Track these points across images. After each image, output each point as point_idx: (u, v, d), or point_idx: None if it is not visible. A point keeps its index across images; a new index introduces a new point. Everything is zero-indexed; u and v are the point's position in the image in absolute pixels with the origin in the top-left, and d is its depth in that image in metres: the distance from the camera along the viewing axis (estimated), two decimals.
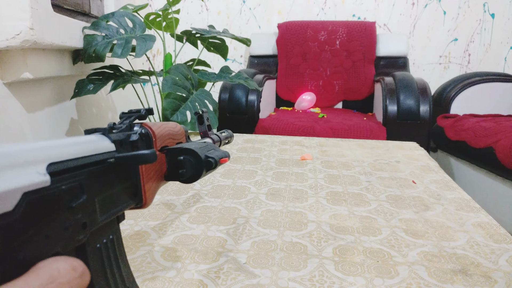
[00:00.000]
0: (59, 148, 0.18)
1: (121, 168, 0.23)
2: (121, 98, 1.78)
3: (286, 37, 1.89)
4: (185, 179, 0.30)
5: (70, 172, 0.18)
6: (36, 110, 1.10)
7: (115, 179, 0.23)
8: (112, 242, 0.23)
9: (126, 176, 0.24)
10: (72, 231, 0.18)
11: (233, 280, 0.40)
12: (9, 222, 0.14)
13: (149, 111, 0.27)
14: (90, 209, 0.20)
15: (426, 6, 1.97)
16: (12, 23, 0.89)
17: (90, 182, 0.20)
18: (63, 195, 0.17)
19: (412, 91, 1.42)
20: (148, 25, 1.38)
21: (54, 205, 0.17)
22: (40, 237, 0.16)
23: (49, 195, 0.16)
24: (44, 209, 0.16)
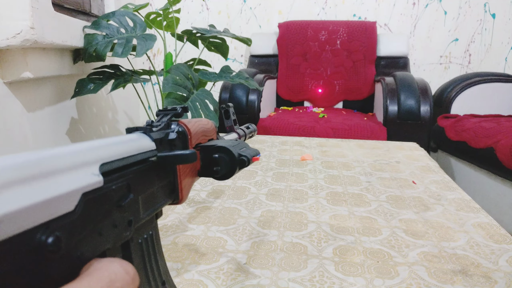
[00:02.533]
0: (108, 148, 0.19)
1: (160, 166, 0.24)
2: (121, 98, 1.78)
3: (287, 37, 1.89)
4: (219, 176, 0.30)
5: (119, 172, 0.19)
6: (36, 109, 1.10)
7: (155, 178, 0.23)
8: (151, 238, 0.23)
9: (165, 175, 0.25)
10: (120, 228, 0.19)
11: (233, 280, 0.40)
12: (70, 221, 0.15)
13: (184, 109, 0.28)
14: (135, 207, 0.20)
15: (427, 6, 1.97)
16: (13, 22, 0.89)
17: (135, 181, 0.21)
18: (113, 195, 0.18)
19: (413, 91, 1.42)
20: (149, 24, 1.38)
21: (106, 204, 0.18)
22: (94, 235, 0.17)
23: (102, 194, 0.17)
24: (98, 208, 0.17)
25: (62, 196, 0.14)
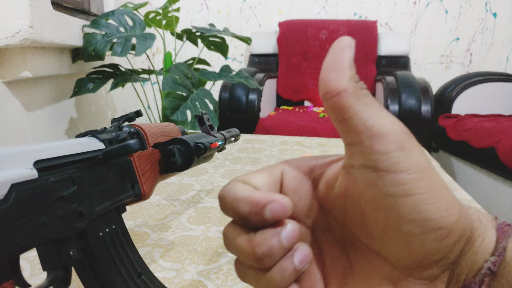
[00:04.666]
0: (46, 150, 0.20)
1: (113, 162, 0.25)
2: (121, 97, 1.78)
3: (287, 36, 1.88)
4: (178, 166, 0.31)
5: (58, 168, 0.20)
6: (35, 109, 1.09)
7: (109, 173, 0.25)
8: (115, 231, 0.24)
9: (120, 170, 0.26)
10: (69, 218, 0.20)
11: (233, 281, 0.39)
12: (2, 209, 0.16)
13: (137, 113, 0.29)
14: (85, 199, 0.22)
15: (428, 5, 1.96)
16: (12, 21, 0.88)
17: (81, 175, 0.22)
18: (54, 187, 0.19)
19: (414, 91, 1.41)
20: (148, 23, 1.38)
21: (45, 195, 0.19)
22: (35, 224, 0.18)
23: (39, 186, 0.18)
24: (34, 199, 0.18)
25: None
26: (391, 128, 0.16)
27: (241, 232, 0.18)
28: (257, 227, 0.17)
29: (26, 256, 0.43)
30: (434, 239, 0.16)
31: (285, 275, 0.17)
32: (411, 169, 0.15)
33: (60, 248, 0.20)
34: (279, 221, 0.17)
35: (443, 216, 0.15)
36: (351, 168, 0.17)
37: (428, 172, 0.16)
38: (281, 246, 0.17)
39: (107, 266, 0.23)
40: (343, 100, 0.16)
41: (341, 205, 0.18)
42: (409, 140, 0.16)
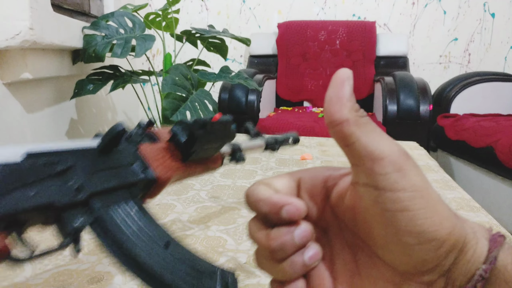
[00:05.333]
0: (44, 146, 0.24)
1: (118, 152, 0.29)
2: (121, 98, 1.78)
3: (286, 37, 1.89)
4: (184, 143, 0.33)
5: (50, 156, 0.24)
6: (35, 110, 1.10)
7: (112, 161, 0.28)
8: (127, 210, 0.27)
9: (127, 158, 0.29)
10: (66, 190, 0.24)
11: None
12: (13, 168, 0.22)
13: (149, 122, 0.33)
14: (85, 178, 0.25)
15: (426, 5, 1.97)
16: (12, 23, 0.89)
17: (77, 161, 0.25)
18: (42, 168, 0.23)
19: (412, 91, 1.42)
20: (148, 25, 1.38)
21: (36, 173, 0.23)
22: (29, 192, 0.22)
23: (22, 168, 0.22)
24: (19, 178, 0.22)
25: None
26: (389, 152, 0.18)
27: (261, 227, 0.21)
28: (275, 224, 0.20)
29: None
30: (429, 249, 0.18)
31: (295, 268, 0.20)
32: (407, 188, 0.17)
33: (65, 218, 0.24)
34: (294, 221, 0.20)
35: (437, 229, 0.18)
36: (357, 185, 0.19)
37: (424, 191, 0.18)
38: (293, 243, 0.19)
39: (122, 238, 0.25)
40: (345, 129, 0.18)
41: (350, 215, 0.21)
42: (406, 161, 0.18)
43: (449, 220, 0.18)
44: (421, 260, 0.18)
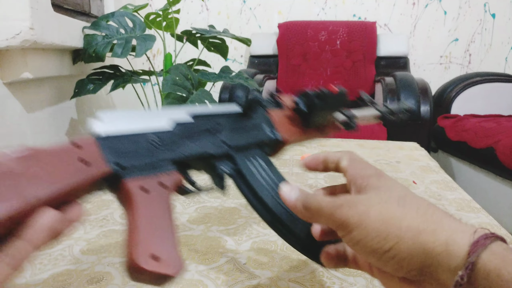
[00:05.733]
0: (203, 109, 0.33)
1: (254, 117, 0.36)
2: (121, 98, 1.78)
3: (287, 37, 1.89)
4: (305, 112, 0.38)
5: (206, 117, 0.32)
6: (36, 110, 1.10)
7: (249, 123, 0.35)
8: (258, 162, 0.34)
9: (260, 121, 0.36)
10: (216, 144, 0.32)
11: (233, 280, 0.40)
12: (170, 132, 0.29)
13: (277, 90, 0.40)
14: (227, 135, 0.33)
15: (427, 6, 1.97)
16: (12, 22, 0.89)
17: (224, 121, 0.33)
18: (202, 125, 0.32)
19: (413, 91, 1.42)
20: (148, 25, 1.38)
21: (196, 128, 0.31)
22: (190, 144, 0.30)
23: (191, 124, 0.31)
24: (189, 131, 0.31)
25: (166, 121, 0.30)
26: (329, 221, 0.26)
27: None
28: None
29: None
30: (389, 258, 0.23)
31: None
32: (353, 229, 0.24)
33: (215, 163, 0.32)
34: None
35: (382, 245, 0.23)
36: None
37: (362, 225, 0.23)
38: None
39: (254, 182, 0.32)
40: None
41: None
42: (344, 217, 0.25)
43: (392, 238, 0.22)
44: (395, 268, 0.23)
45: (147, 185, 0.26)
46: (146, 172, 0.26)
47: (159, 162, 0.27)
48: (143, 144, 0.27)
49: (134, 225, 0.24)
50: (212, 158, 0.31)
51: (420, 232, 0.22)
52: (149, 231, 0.24)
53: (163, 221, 0.25)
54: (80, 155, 0.24)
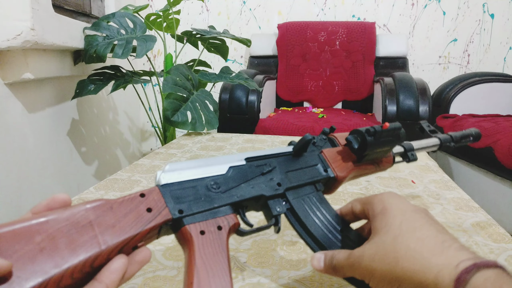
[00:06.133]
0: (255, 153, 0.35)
1: (307, 156, 0.38)
2: (122, 99, 1.79)
3: (286, 38, 1.89)
4: (356, 149, 0.39)
5: (260, 160, 0.35)
6: (37, 110, 1.10)
7: (302, 163, 0.37)
8: (312, 199, 0.35)
9: (313, 161, 0.38)
10: (270, 186, 0.33)
11: (234, 279, 0.40)
12: (224, 177, 0.32)
13: (331, 128, 0.40)
14: (281, 176, 0.35)
15: (426, 6, 1.97)
16: (13, 23, 0.89)
17: (278, 163, 0.35)
18: (256, 168, 0.34)
19: (412, 92, 1.42)
20: (149, 25, 1.39)
21: (251, 172, 0.33)
22: (245, 186, 0.32)
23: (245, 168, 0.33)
24: (242, 174, 0.33)
25: (220, 167, 0.32)
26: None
27: None
28: None
29: None
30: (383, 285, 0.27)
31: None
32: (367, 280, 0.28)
33: (269, 203, 0.33)
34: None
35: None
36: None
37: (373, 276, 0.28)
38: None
39: (306, 219, 0.34)
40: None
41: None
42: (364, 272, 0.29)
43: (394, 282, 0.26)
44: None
45: (207, 229, 0.28)
46: (205, 217, 0.29)
47: (217, 207, 0.30)
48: (201, 189, 0.30)
49: (192, 266, 0.26)
50: (267, 199, 0.33)
51: (412, 275, 0.25)
52: (207, 273, 0.26)
53: (220, 262, 0.27)
54: (146, 204, 0.27)
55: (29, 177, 1.05)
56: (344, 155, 0.39)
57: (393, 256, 0.26)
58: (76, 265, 0.22)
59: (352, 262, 0.28)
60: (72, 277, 0.22)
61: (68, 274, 0.22)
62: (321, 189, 0.37)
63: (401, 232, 0.27)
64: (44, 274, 0.21)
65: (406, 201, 0.30)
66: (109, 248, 0.24)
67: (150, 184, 0.69)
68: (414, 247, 0.25)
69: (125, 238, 0.25)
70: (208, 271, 0.26)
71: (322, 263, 0.31)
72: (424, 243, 0.25)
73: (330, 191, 0.39)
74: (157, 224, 0.27)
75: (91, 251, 0.23)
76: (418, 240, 0.26)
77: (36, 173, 1.08)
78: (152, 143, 2.22)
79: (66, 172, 1.25)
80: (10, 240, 0.22)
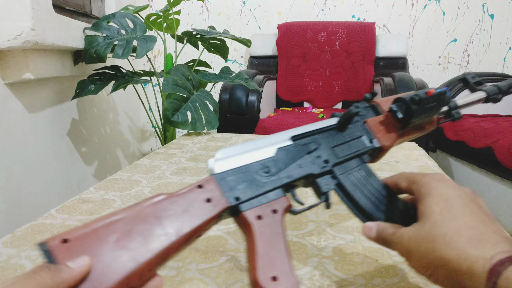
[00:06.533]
0: (300, 129, 0.35)
1: (351, 128, 0.37)
2: (122, 99, 1.79)
3: (286, 38, 1.89)
4: (401, 119, 0.38)
5: (305, 137, 0.35)
6: (37, 110, 1.10)
7: (347, 135, 0.37)
8: (359, 172, 0.36)
9: (358, 132, 0.37)
10: (317, 163, 0.34)
11: (234, 279, 0.40)
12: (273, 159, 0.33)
13: (372, 93, 0.39)
14: (327, 152, 0.35)
15: (425, 7, 1.97)
16: (14, 23, 0.89)
17: (323, 139, 0.35)
18: (303, 147, 0.34)
19: None
20: (149, 26, 1.39)
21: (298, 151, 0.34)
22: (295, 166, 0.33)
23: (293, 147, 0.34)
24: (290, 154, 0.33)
25: (269, 149, 0.33)
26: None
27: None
28: None
29: (29, 255, 0.44)
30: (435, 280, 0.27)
31: None
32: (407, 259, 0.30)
33: (317, 181, 0.34)
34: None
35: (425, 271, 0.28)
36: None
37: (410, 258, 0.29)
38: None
39: (355, 193, 0.34)
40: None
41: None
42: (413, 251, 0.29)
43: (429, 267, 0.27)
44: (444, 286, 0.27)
45: (263, 213, 0.30)
46: (260, 202, 0.30)
47: (270, 190, 0.31)
48: (253, 174, 0.31)
49: (253, 250, 0.28)
50: (315, 177, 0.34)
51: (447, 262, 0.25)
52: (267, 255, 0.27)
53: (279, 244, 0.28)
54: (205, 194, 0.29)
55: (29, 177, 1.05)
56: (388, 123, 0.39)
57: (430, 241, 0.26)
58: (152, 259, 0.24)
59: (395, 240, 0.30)
60: (151, 270, 0.24)
61: (147, 268, 0.24)
62: (367, 160, 0.37)
63: (441, 218, 0.27)
64: (126, 270, 0.23)
65: (452, 186, 0.30)
66: (178, 240, 0.26)
67: (150, 184, 0.69)
68: (451, 236, 0.26)
69: (191, 229, 0.27)
70: (269, 254, 0.27)
71: (374, 232, 0.32)
72: (461, 233, 0.26)
73: (375, 160, 0.39)
74: (217, 213, 0.28)
75: (162, 245, 0.25)
76: (456, 230, 0.26)
77: (36, 173, 1.08)
78: (152, 143, 2.22)
79: (66, 172, 1.25)
80: (89, 239, 0.23)
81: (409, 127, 0.39)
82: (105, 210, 0.57)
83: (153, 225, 0.26)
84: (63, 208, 0.57)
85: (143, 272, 0.24)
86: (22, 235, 0.49)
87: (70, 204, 0.59)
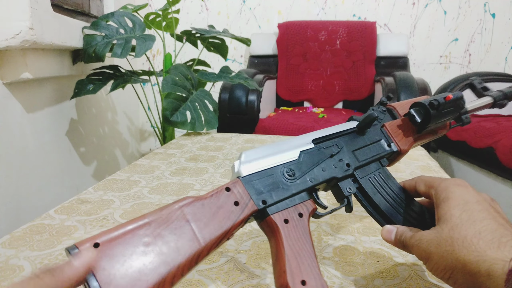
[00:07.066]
0: (320, 132, 0.36)
1: (370, 132, 0.38)
2: (121, 98, 1.78)
3: (286, 37, 1.89)
4: (420, 123, 0.39)
5: (326, 140, 0.35)
6: (36, 110, 1.10)
7: (366, 139, 0.37)
8: (379, 176, 0.36)
9: (376, 136, 0.38)
10: (340, 167, 0.34)
11: (233, 280, 0.40)
12: (297, 162, 0.33)
13: (387, 97, 0.40)
14: (348, 156, 0.35)
15: (427, 6, 1.97)
16: (12, 23, 0.89)
17: (344, 142, 0.36)
18: (324, 150, 0.35)
19: (413, 91, 1.42)
20: (148, 25, 1.38)
21: (320, 155, 0.34)
22: (318, 169, 0.33)
23: (315, 151, 0.34)
24: (313, 158, 0.34)
25: (292, 152, 0.33)
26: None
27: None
28: None
29: (28, 256, 0.43)
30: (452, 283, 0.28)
31: None
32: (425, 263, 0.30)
33: (341, 186, 0.34)
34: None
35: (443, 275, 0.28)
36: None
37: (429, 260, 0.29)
38: None
39: (378, 195, 0.35)
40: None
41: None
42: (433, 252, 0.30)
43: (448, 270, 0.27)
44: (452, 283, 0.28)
45: (289, 217, 0.30)
46: (286, 205, 0.30)
47: (295, 194, 0.31)
48: (278, 177, 0.31)
49: (281, 254, 0.28)
50: (338, 180, 0.34)
51: (466, 264, 0.26)
52: (296, 259, 0.28)
53: (306, 248, 0.29)
54: (233, 198, 0.29)
55: (28, 177, 1.05)
56: (405, 128, 0.40)
57: (450, 244, 0.27)
58: (184, 262, 0.24)
59: (413, 243, 0.30)
60: (182, 274, 0.24)
61: (179, 272, 0.24)
62: (386, 164, 0.38)
63: (460, 222, 0.28)
64: (159, 275, 0.23)
65: (471, 191, 0.31)
66: (208, 244, 0.26)
67: (149, 184, 0.68)
68: (471, 239, 0.26)
69: (221, 233, 0.27)
70: (297, 258, 0.28)
71: (393, 235, 0.33)
72: (481, 236, 0.26)
73: (392, 163, 0.40)
74: (245, 217, 0.28)
75: (193, 249, 0.25)
76: (476, 233, 0.26)
77: (34, 173, 1.08)
78: (151, 143, 2.22)
79: (64, 172, 1.24)
80: (119, 244, 0.23)
81: (425, 131, 0.40)
82: (104, 210, 0.57)
83: (183, 229, 0.25)
84: (61, 208, 0.57)
85: (175, 276, 0.24)
86: (21, 235, 0.48)
87: (68, 205, 0.58)
